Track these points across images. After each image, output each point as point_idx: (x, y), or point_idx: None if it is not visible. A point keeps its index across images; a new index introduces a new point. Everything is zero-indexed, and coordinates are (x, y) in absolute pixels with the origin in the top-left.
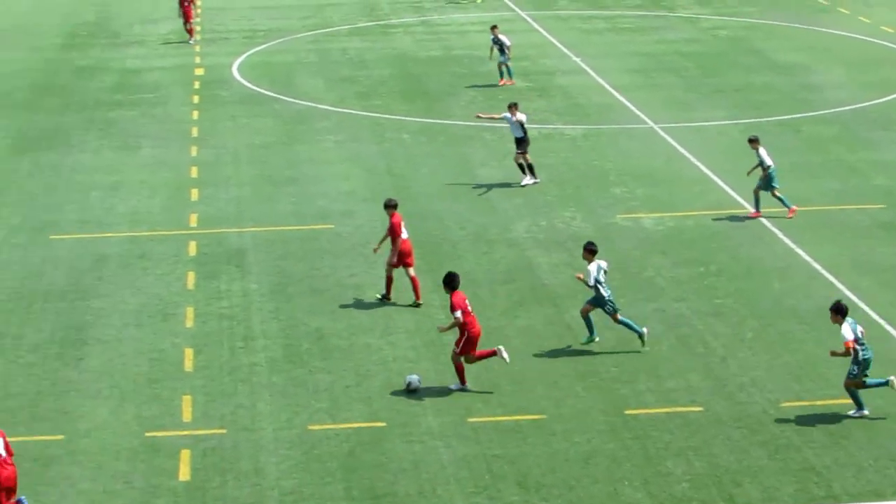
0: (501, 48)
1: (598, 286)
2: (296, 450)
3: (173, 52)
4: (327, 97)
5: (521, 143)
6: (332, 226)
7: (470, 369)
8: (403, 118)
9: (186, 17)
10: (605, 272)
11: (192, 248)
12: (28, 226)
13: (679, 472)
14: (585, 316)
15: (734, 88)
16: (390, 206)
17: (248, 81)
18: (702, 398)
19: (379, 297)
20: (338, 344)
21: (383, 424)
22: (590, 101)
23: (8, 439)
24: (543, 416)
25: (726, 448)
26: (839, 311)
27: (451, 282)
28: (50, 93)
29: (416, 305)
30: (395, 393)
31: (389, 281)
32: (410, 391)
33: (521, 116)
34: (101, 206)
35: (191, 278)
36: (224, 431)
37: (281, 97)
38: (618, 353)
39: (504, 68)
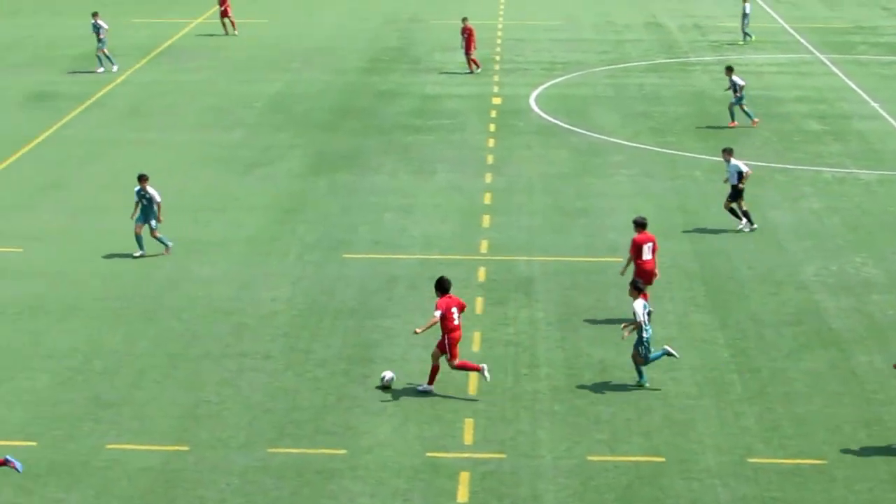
0: (734, 88)
1: (642, 326)
2: (574, 479)
3: (472, 80)
4: (622, 131)
5: (734, 189)
6: (621, 259)
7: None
8: (697, 156)
9: (467, 48)
10: (650, 313)
11: (482, 274)
12: (323, 244)
13: None
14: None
15: None
16: (637, 224)
17: (545, 112)
18: None
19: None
20: (620, 376)
21: (662, 460)
22: (886, 147)
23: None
24: (824, 461)
25: None
26: None
27: (439, 286)
28: (350, 115)
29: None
30: (675, 429)
31: None
32: (385, 386)
33: (735, 163)
34: (393, 227)
35: (479, 303)
36: (504, 456)
37: (576, 129)
38: None
39: (736, 108)
